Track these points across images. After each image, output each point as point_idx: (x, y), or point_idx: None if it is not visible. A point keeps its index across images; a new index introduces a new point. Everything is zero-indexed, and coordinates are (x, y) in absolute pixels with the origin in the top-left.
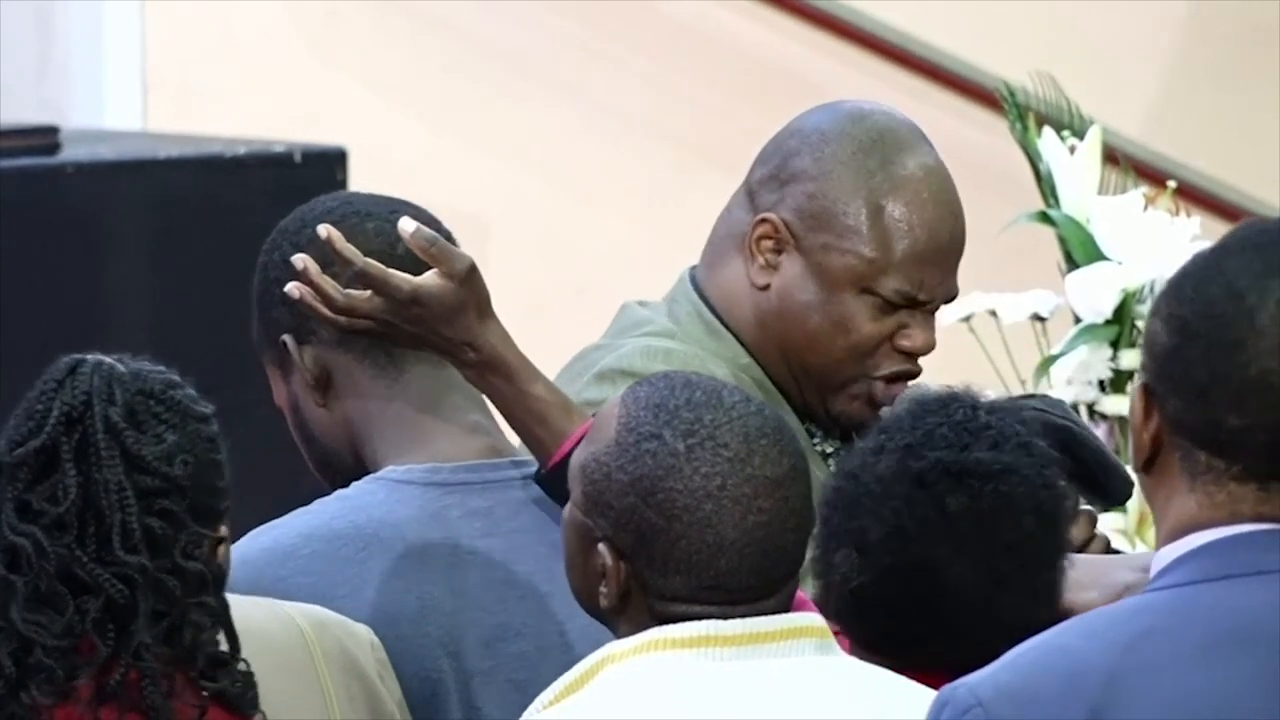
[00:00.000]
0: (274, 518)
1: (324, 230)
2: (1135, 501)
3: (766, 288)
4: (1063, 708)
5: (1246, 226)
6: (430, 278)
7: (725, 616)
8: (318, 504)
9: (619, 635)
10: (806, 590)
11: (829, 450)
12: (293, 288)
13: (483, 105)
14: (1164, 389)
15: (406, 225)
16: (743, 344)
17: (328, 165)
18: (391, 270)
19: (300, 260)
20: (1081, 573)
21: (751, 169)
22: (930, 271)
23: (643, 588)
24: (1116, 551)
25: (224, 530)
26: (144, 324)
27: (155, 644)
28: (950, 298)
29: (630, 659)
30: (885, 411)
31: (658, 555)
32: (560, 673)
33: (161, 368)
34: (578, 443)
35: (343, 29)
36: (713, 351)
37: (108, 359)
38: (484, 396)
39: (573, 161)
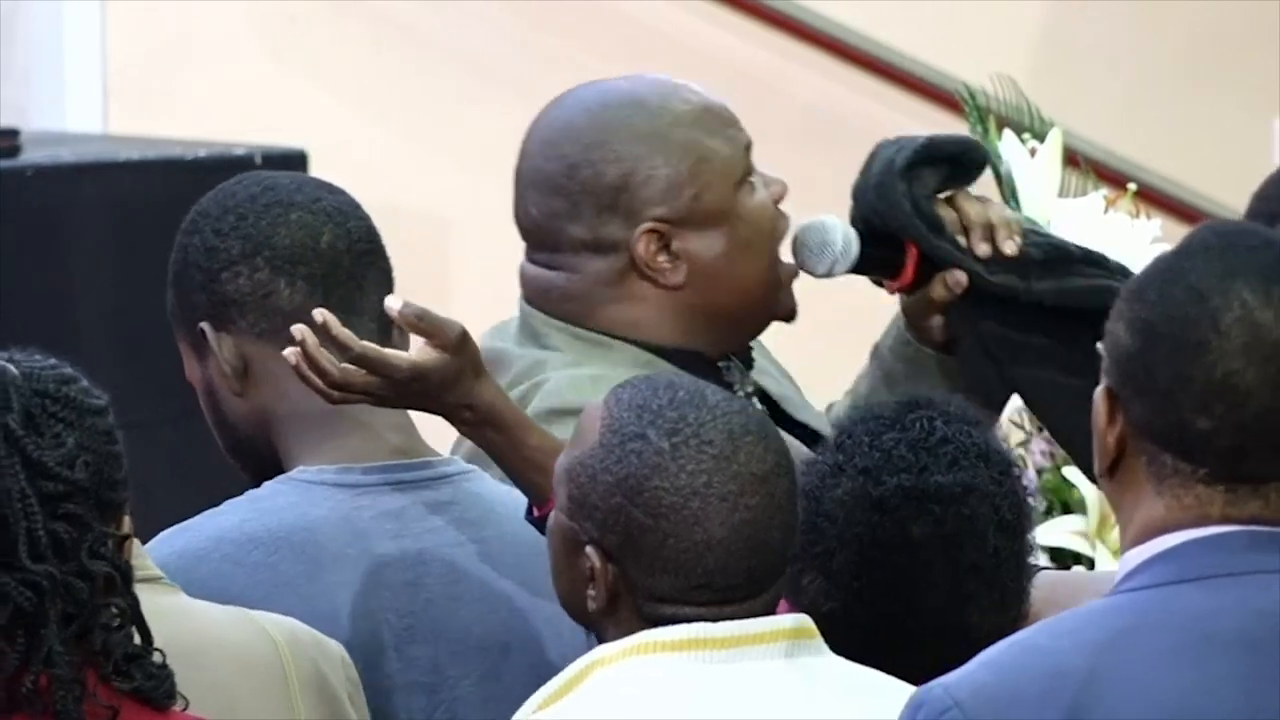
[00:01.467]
0: None
1: (320, 315)
2: (1095, 504)
3: (684, 283)
4: (1041, 707)
5: (1205, 229)
6: (426, 352)
7: (714, 618)
8: (228, 505)
9: (607, 639)
10: None
11: (750, 390)
12: (290, 353)
13: (444, 108)
14: (1128, 392)
15: (393, 303)
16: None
17: (288, 167)
18: (388, 351)
19: (299, 331)
20: (1055, 593)
21: (557, 241)
22: (739, 127)
23: (631, 590)
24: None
25: (128, 525)
26: (104, 326)
27: (66, 648)
28: None
29: (619, 662)
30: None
31: (645, 555)
32: (469, 674)
33: (53, 361)
34: None
35: (303, 33)
36: (613, 362)
37: None
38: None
39: None
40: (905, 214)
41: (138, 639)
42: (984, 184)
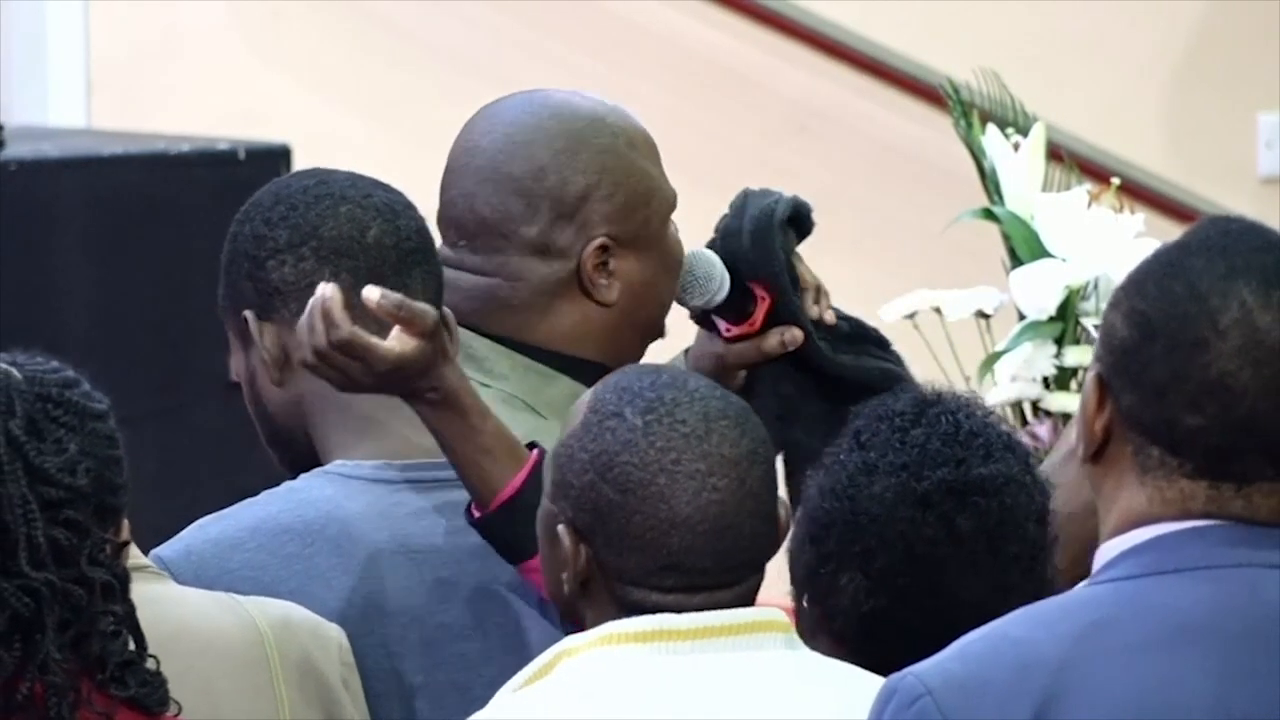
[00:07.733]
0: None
1: (329, 289)
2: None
3: (614, 301)
4: (1012, 697)
5: (1209, 225)
6: (405, 341)
7: (682, 607)
8: (265, 496)
9: (587, 626)
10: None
11: None
12: (319, 299)
13: (426, 103)
14: (1121, 383)
15: (371, 294)
16: (583, 374)
17: (272, 162)
18: (374, 341)
19: (327, 289)
20: None
21: (503, 243)
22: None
23: (603, 572)
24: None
25: (125, 530)
26: (87, 321)
27: (62, 655)
28: None
29: (585, 653)
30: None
31: (614, 532)
32: (502, 674)
33: (56, 364)
34: (522, 484)
35: (286, 27)
36: (548, 400)
37: (1, 364)
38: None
39: None
40: (779, 264)
41: (132, 645)
42: (967, 179)
